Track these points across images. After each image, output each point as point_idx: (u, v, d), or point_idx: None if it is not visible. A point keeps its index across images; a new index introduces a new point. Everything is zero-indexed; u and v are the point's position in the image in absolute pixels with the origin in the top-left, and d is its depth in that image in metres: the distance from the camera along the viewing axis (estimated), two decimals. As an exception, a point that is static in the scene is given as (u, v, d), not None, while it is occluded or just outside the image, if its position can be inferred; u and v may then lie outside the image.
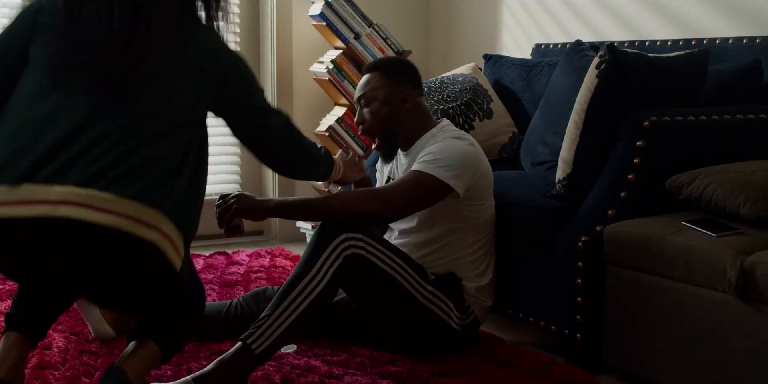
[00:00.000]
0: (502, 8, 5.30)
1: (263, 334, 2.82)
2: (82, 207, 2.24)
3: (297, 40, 5.54)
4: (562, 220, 3.19)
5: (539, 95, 4.21)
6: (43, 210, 2.23)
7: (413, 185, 3.08)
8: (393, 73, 3.34)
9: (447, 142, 3.19)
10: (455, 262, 3.25)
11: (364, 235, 2.98)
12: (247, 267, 4.48)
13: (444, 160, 3.09)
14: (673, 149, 3.13)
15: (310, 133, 5.44)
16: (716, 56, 3.62)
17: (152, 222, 2.31)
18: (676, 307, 2.83)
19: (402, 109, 3.30)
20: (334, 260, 2.90)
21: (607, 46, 3.16)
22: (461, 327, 3.19)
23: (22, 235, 2.28)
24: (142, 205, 2.29)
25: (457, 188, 3.09)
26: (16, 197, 2.25)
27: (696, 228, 2.84)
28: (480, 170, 3.18)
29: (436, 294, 3.13)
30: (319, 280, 2.87)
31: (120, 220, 2.25)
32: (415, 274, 3.11)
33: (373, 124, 3.31)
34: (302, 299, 2.86)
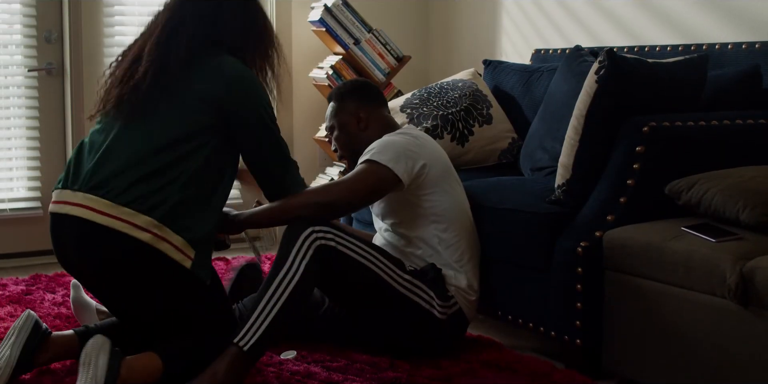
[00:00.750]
0: (502, 14, 5.31)
1: (249, 331, 2.84)
2: (88, 209, 2.79)
3: (296, 46, 5.54)
4: (561, 226, 3.19)
5: (539, 101, 4.22)
6: (68, 209, 2.84)
7: (355, 174, 3.21)
8: (341, 97, 3.52)
9: (385, 137, 3.32)
10: (431, 251, 3.30)
11: (331, 227, 3.05)
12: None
13: (378, 149, 3.23)
14: (672, 154, 3.13)
15: (309, 139, 5.45)
16: (715, 61, 3.63)
17: (144, 226, 2.77)
18: (675, 313, 2.83)
19: (360, 128, 3.46)
20: (305, 253, 2.95)
21: (606, 52, 3.16)
22: (445, 316, 3.20)
23: (56, 227, 2.90)
24: (134, 211, 2.77)
25: (398, 172, 3.17)
26: (60, 198, 2.90)
27: (695, 233, 2.84)
28: (423, 159, 3.25)
29: (414, 282, 3.16)
30: (294, 273, 2.92)
31: (115, 221, 2.76)
32: (391, 263, 3.16)
33: (341, 149, 3.52)
34: (280, 293, 2.89)
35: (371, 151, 3.23)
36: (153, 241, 2.76)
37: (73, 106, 5.02)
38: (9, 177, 5.04)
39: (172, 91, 2.92)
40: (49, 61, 5.04)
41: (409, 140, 3.29)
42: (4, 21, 4.94)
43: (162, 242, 2.78)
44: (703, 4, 4.07)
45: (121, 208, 2.77)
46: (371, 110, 3.48)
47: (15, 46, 4.99)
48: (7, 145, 5.01)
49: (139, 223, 2.76)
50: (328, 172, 5.38)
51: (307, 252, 2.95)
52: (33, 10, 4.96)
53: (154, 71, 2.91)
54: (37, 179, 5.04)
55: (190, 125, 2.89)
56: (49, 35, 5.03)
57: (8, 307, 3.82)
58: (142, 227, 2.76)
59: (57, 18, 5.05)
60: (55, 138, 5.08)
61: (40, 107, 5.04)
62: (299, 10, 5.51)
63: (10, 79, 4.98)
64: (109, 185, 2.81)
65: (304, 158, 5.60)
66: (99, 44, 5.15)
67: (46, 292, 4.08)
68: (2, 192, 5.00)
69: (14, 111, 5.02)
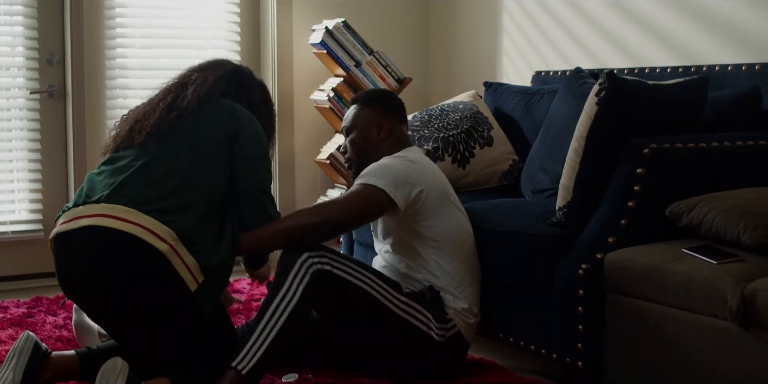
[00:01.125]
0: (502, 36, 5.32)
1: (247, 355, 2.86)
2: (104, 217, 2.80)
3: (298, 68, 5.55)
4: (562, 248, 3.19)
5: (539, 123, 4.22)
6: (82, 222, 2.84)
7: (350, 195, 3.22)
8: (367, 103, 3.52)
9: (385, 160, 3.33)
10: (430, 275, 3.29)
11: (326, 251, 3.05)
12: (249, 295, 4.48)
13: (377, 172, 3.24)
14: (673, 176, 3.13)
15: (310, 161, 5.45)
16: (715, 83, 3.63)
17: (163, 235, 2.78)
18: (676, 335, 2.82)
19: (378, 137, 3.46)
20: (302, 277, 2.96)
21: (606, 74, 3.16)
22: (443, 338, 3.19)
23: (62, 246, 2.90)
24: (155, 219, 2.80)
25: (395, 197, 3.18)
26: (71, 216, 2.89)
27: (696, 255, 2.84)
28: (421, 185, 3.25)
29: (411, 304, 3.16)
30: (291, 297, 2.93)
31: (134, 227, 2.78)
32: (388, 286, 3.16)
33: (353, 153, 3.50)
34: (278, 317, 2.90)
35: (368, 173, 3.24)
36: (169, 254, 2.79)
37: (75, 128, 5.03)
38: (10, 199, 5.04)
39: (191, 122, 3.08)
40: (51, 84, 5.06)
41: (408, 165, 3.30)
42: (6, 43, 4.96)
43: (176, 257, 2.80)
44: (702, 25, 4.08)
45: (142, 215, 2.81)
46: (393, 123, 3.50)
47: (17, 68, 5.00)
48: (8, 167, 5.01)
49: (158, 231, 2.79)
50: (330, 194, 5.38)
51: (304, 277, 2.96)
52: (35, 33, 4.97)
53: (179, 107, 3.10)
54: (38, 202, 5.04)
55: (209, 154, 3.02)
56: (51, 57, 5.05)
57: (9, 330, 3.82)
58: (161, 237, 2.79)
59: (59, 40, 5.07)
60: (57, 160, 5.09)
61: (42, 129, 5.04)
62: (300, 33, 5.53)
63: (12, 101, 4.99)
64: (131, 195, 2.86)
65: (305, 180, 5.62)
66: (101, 66, 5.16)
67: (47, 315, 4.08)
68: (4, 214, 5.01)
69: (16, 133, 5.03)
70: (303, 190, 5.63)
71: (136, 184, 2.90)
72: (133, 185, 2.90)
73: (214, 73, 3.25)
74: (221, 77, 3.24)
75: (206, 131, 3.06)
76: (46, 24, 5.01)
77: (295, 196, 5.59)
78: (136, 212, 2.81)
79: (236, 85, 3.29)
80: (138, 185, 2.90)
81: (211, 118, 3.10)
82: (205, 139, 3.05)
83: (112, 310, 2.93)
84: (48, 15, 5.02)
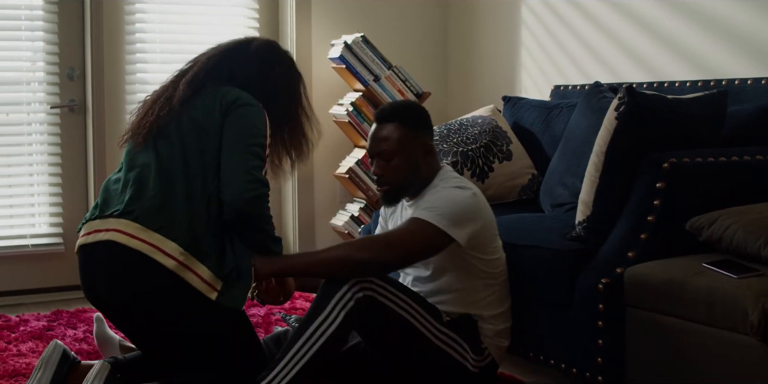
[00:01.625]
0: (521, 50, 5.33)
1: (276, 376, 2.82)
2: (119, 232, 2.82)
3: (317, 83, 5.57)
4: (582, 263, 3.19)
5: (558, 137, 4.22)
6: (99, 236, 2.86)
7: (412, 233, 3.03)
8: (411, 124, 3.24)
9: (448, 192, 3.13)
10: (469, 307, 3.22)
11: (376, 277, 2.96)
12: (268, 309, 4.48)
13: (443, 209, 3.05)
14: (692, 190, 3.13)
15: (329, 175, 5.46)
16: (735, 97, 3.63)
17: (171, 252, 2.78)
18: (697, 350, 2.81)
19: (425, 161, 3.25)
20: (347, 302, 2.88)
21: (626, 88, 3.16)
22: (478, 369, 3.17)
23: (86, 258, 2.92)
24: (162, 237, 2.79)
25: (458, 238, 3.04)
26: (90, 229, 2.91)
27: (717, 270, 2.83)
28: (482, 220, 3.13)
29: (451, 335, 3.10)
30: (331, 321, 2.87)
31: (144, 245, 2.78)
32: (429, 315, 3.08)
33: (394, 178, 3.22)
34: (314, 341, 2.86)
35: (435, 209, 3.05)
36: (178, 270, 2.78)
37: (95, 142, 5.06)
38: (31, 213, 5.07)
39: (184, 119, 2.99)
40: (71, 98, 5.09)
41: (470, 198, 3.12)
42: (27, 58, 5.00)
43: (187, 271, 2.79)
44: (722, 39, 4.08)
45: (150, 232, 2.80)
46: (428, 136, 3.29)
47: (38, 83, 5.03)
48: (29, 181, 5.05)
49: (166, 249, 2.78)
50: (349, 208, 5.38)
51: (348, 302, 2.88)
52: (56, 48, 5.01)
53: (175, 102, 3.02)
54: (59, 215, 5.07)
55: (207, 152, 2.94)
56: (72, 72, 5.08)
57: (30, 342, 3.83)
58: (168, 254, 2.78)
59: (79, 55, 5.10)
60: (77, 175, 5.11)
61: (62, 144, 5.08)
62: (319, 47, 5.55)
63: (33, 116, 5.03)
64: (141, 210, 2.84)
65: (324, 195, 5.63)
66: (121, 81, 5.19)
67: (67, 328, 4.09)
68: (24, 228, 5.04)
69: (37, 147, 5.06)
70: (322, 205, 5.64)
71: (143, 199, 2.87)
72: (140, 201, 2.87)
73: (207, 55, 3.18)
74: (210, 58, 3.16)
75: (197, 129, 2.95)
76: (66, 39, 5.05)
77: (314, 210, 5.60)
78: (145, 230, 2.81)
79: (229, 63, 3.14)
80: (145, 200, 2.87)
81: (203, 113, 2.97)
82: (196, 139, 2.94)
83: (138, 325, 2.96)
84: (68, 30, 5.05)
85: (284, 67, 3.24)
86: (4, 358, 3.59)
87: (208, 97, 3.00)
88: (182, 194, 2.87)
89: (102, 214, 2.92)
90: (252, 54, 3.18)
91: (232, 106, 2.95)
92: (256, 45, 3.22)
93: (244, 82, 3.09)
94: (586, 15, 4.84)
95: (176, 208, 2.85)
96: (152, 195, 2.87)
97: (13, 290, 4.95)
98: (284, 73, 3.22)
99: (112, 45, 5.15)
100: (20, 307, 4.75)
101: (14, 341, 3.87)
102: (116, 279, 2.85)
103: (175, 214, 2.84)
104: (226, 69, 3.12)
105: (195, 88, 3.03)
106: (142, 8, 5.25)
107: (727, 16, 4.04)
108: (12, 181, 5.02)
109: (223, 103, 2.96)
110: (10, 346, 3.78)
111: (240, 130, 2.93)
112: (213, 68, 3.11)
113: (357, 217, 5.22)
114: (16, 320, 4.27)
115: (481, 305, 3.22)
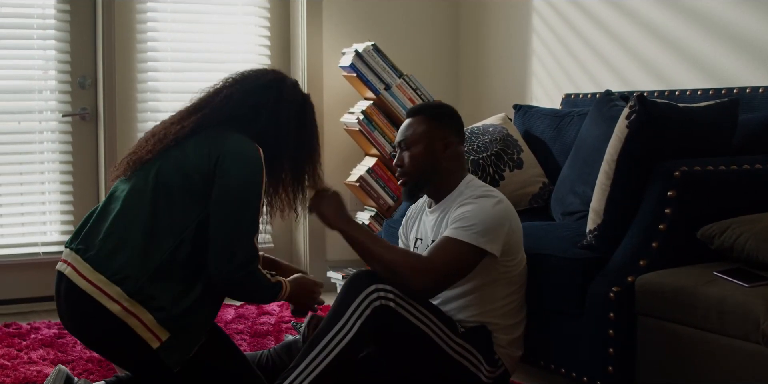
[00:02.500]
0: (532, 59, 5.33)
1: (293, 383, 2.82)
2: (74, 270, 2.77)
3: (327, 91, 5.58)
4: (593, 271, 3.18)
5: (569, 145, 4.22)
6: (63, 267, 2.83)
7: (453, 257, 3.02)
8: (436, 117, 3.30)
9: (478, 205, 3.11)
10: (486, 314, 3.19)
11: (393, 286, 2.94)
12: (278, 317, 4.49)
13: (478, 226, 3.03)
14: (704, 199, 3.12)
15: (340, 183, 5.47)
16: (746, 105, 3.62)
17: (115, 296, 2.70)
18: (708, 358, 2.80)
19: (442, 156, 3.25)
20: (363, 311, 2.87)
21: (637, 97, 3.16)
22: (491, 380, 3.16)
23: (56, 284, 2.87)
24: (108, 280, 2.71)
25: (494, 251, 3.04)
26: (63, 256, 2.86)
27: (728, 278, 2.83)
28: (510, 227, 3.13)
29: (466, 347, 3.09)
30: (347, 331, 2.86)
31: (91, 287, 2.72)
32: (445, 327, 3.05)
33: (412, 168, 3.26)
34: (330, 350, 2.85)
35: (470, 227, 3.03)
36: (122, 315, 2.68)
37: (107, 151, 5.07)
38: (42, 221, 5.09)
39: (170, 156, 2.86)
40: (83, 107, 5.10)
41: (502, 205, 3.13)
42: (39, 67, 5.02)
43: (131, 317, 2.69)
44: (733, 47, 4.07)
45: (97, 274, 2.72)
46: (458, 143, 3.31)
47: (50, 91, 5.05)
48: (41, 189, 5.06)
49: (110, 292, 2.70)
50: (359, 216, 5.38)
51: (364, 311, 2.87)
52: (67, 56, 5.02)
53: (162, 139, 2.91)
54: (70, 223, 5.08)
55: (183, 193, 2.81)
56: (83, 81, 5.10)
57: (40, 350, 3.84)
58: (112, 298, 2.69)
59: (91, 64, 5.12)
60: (89, 183, 5.13)
61: (74, 152, 5.09)
62: (330, 56, 5.56)
63: (45, 124, 5.04)
64: (94, 249, 2.77)
65: (335, 203, 5.62)
66: (132, 90, 5.21)
67: (78, 336, 4.10)
68: (36, 236, 5.05)
69: (48, 156, 5.08)
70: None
71: (98, 237, 2.79)
72: (95, 239, 2.79)
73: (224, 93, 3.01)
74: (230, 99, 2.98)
75: (178, 169, 2.83)
76: (78, 47, 5.07)
77: (325, 219, 5.59)
78: (91, 271, 2.73)
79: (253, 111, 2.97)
80: (99, 239, 2.78)
81: (189, 154, 2.84)
82: (174, 179, 2.82)
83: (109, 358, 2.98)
84: (80, 38, 5.07)
85: (311, 118, 3.15)
86: (15, 366, 3.60)
87: (205, 141, 2.87)
88: (142, 235, 2.76)
89: (69, 244, 2.87)
90: (283, 104, 3.02)
91: (224, 159, 2.81)
92: (285, 92, 3.05)
93: (261, 132, 2.96)
94: (596, 23, 4.84)
95: (129, 251, 2.74)
96: (105, 236, 2.78)
97: (24, 298, 4.95)
98: (311, 124, 3.14)
99: (124, 53, 5.16)
100: (31, 314, 4.76)
101: (25, 349, 3.88)
102: (73, 315, 2.82)
103: (127, 258, 2.73)
104: (245, 117, 2.97)
105: (194, 130, 2.91)
106: (154, 17, 5.27)
107: (739, 25, 4.04)
108: (24, 189, 5.04)
109: (212, 156, 2.82)
110: (21, 354, 3.79)
111: (229, 200, 2.80)
112: (230, 117, 2.95)
113: (368, 225, 5.21)
114: (27, 328, 4.27)
115: (499, 313, 3.20)
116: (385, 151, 5.16)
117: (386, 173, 5.20)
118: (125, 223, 2.79)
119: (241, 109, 2.95)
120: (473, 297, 3.19)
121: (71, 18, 5.03)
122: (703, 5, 4.21)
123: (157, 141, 2.90)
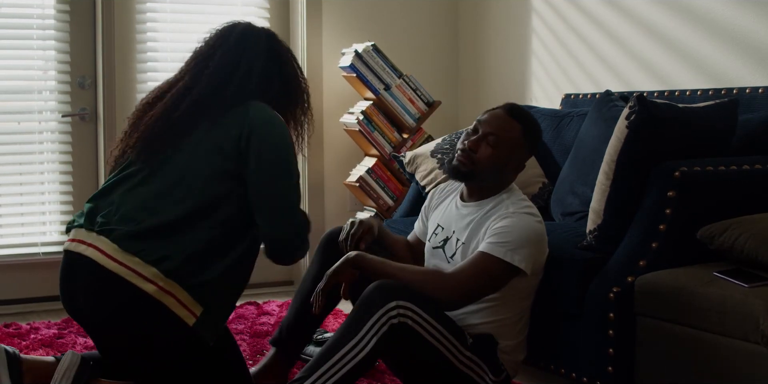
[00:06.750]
0: (531, 59, 5.33)
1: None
2: (99, 251, 2.72)
3: (327, 91, 5.58)
4: (593, 271, 3.18)
5: (569, 145, 4.22)
6: (82, 248, 2.76)
7: (483, 272, 3.00)
8: (529, 132, 3.22)
9: (520, 219, 3.07)
10: (497, 322, 3.15)
11: (414, 304, 2.88)
12: (278, 317, 4.49)
13: (514, 243, 3.00)
14: (703, 199, 3.12)
15: (339, 184, 5.47)
16: (746, 105, 3.63)
17: (150, 277, 2.67)
18: (708, 359, 2.81)
19: (512, 167, 3.21)
20: (380, 327, 2.82)
21: (636, 97, 3.16)
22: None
23: (69, 266, 2.82)
24: (141, 260, 2.68)
25: (526, 269, 3.00)
26: (75, 236, 2.82)
27: (728, 279, 2.83)
28: (545, 247, 3.12)
29: (474, 359, 3.04)
30: (362, 347, 2.81)
31: (121, 268, 2.68)
32: (456, 340, 2.99)
33: (482, 161, 3.18)
34: (342, 365, 2.80)
35: (507, 244, 3.00)
36: (157, 294, 2.67)
37: (106, 151, 5.06)
38: (42, 221, 5.09)
39: (192, 135, 2.87)
40: (82, 107, 5.10)
41: (541, 225, 3.11)
42: (38, 67, 5.02)
43: (167, 296, 2.68)
44: (733, 48, 4.08)
45: (128, 255, 2.69)
46: (528, 155, 3.27)
47: (49, 91, 5.05)
48: (40, 189, 5.06)
49: (145, 273, 2.68)
50: (359, 216, 5.38)
51: (381, 328, 2.82)
52: (67, 57, 5.02)
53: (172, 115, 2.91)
54: (69, 223, 5.08)
55: (212, 173, 2.83)
56: (83, 81, 5.10)
57: (40, 350, 3.84)
58: (147, 278, 2.67)
59: (91, 64, 5.12)
60: (88, 183, 5.12)
61: (73, 152, 5.09)
62: (330, 56, 5.56)
63: (44, 124, 5.04)
64: (121, 230, 2.74)
65: (334, 203, 5.63)
66: (132, 90, 5.20)
67: (77, 336, 4.10)
68: (35, 236, 5.04)
69: (48, 156, 5.08)
70: (332, 213, 5.63)
71: (125, 217, 2.78)
72: (122, 219, 2.77)
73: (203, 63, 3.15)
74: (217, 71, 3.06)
75: (204, 148, 2.85)
76: (77, 47, 5.06)
77: (325, 219, 5.59)
78: (123, 253, 2.70)
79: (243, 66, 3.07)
80: (125, 218, 2.77)
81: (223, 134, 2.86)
82: (202, 159, 2.84)
83: (113, 343, 2.86)
84: (80, 39, 5.07)
85: (289, 54, 3.28)
86: (15, 366, 3.60)
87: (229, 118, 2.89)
88: (179, 217, 2.77)
89: (89, 225, 2.82)
90: (261, 51, 3.17)
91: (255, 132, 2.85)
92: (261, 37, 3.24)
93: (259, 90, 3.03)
94: (596, 24, 4.84)
95: (166, 233, 2.75)
96: (131, 217, 2.77)
97: (23, 298, 4.95)
98: (292, 60, 3.28)
99: (124, 54, 5.16)
100: (31, 314, 4.75)
101: (25, 349, 3.87)
102: (96, 297, 2.74)
103: (163, 239, 2.74)
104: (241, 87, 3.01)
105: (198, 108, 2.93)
106: (154, 17, 5.26)
107: (739, 25, 4.04)
108: (23, 189, 5.04)
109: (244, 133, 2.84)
110: (21, 354, 3.79)
111: (272, 168, 2.86)
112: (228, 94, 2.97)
113: (367, 225, 5.21)
114: (26, 328, 4.27)
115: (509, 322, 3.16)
116: (385, 152, 5.16)
117: (386, 173, 5.20)
118: (155, 204, 2.79)
119: (230, 85, 3.00)
120: (490, 307, 3.14)
121: (71, 18, 5.03)
122: (702, 5, 4.21)
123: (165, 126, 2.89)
